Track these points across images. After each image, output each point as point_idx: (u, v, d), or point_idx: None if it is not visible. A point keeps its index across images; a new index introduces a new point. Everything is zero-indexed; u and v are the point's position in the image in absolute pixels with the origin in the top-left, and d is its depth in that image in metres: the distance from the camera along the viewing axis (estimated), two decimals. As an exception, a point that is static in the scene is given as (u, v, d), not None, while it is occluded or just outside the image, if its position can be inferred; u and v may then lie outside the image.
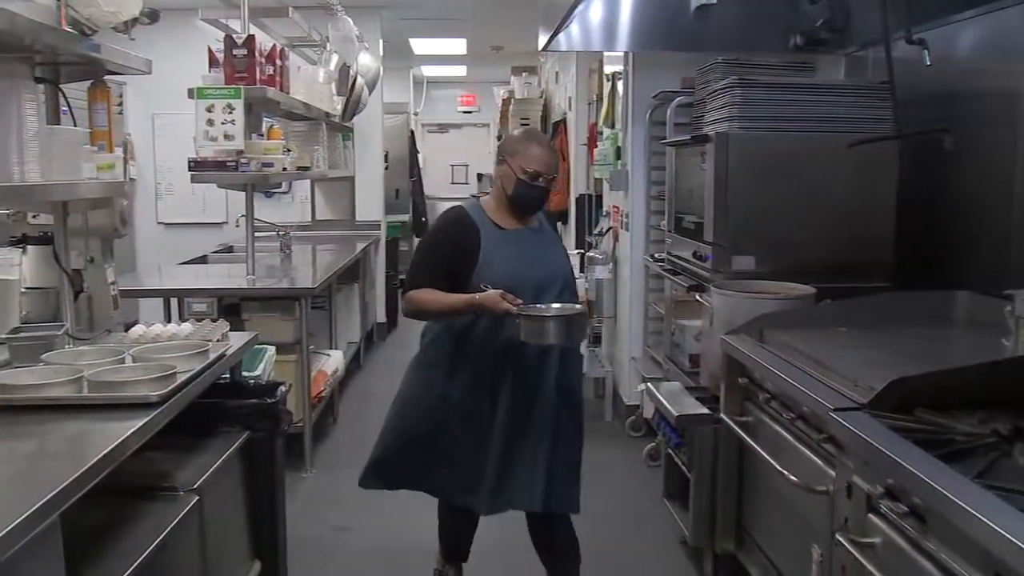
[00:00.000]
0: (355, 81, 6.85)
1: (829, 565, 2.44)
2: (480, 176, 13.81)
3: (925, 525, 1.92)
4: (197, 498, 2.54)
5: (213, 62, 4.89)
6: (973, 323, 3.24)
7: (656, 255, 4.95)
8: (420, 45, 10.78)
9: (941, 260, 3.72)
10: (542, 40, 5.04)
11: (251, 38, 4.80)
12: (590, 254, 6.01)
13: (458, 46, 10.72)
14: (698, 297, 3.88)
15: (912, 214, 3.78)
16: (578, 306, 2.99)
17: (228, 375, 3.22)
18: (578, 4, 4.11)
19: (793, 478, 2.58)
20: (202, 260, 6.56)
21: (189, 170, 4.77)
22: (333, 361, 5.87)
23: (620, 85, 5.53)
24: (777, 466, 2.67)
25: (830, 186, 3.75)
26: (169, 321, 3.67)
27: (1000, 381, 2.36)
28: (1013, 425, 2.13)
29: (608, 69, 6.05)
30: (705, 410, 3.46)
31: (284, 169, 5.25)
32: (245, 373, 3.47)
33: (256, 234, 5.31)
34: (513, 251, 3.03)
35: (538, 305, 2.91)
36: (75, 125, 2.97)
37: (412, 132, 11.88)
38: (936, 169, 3.73)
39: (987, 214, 3.46)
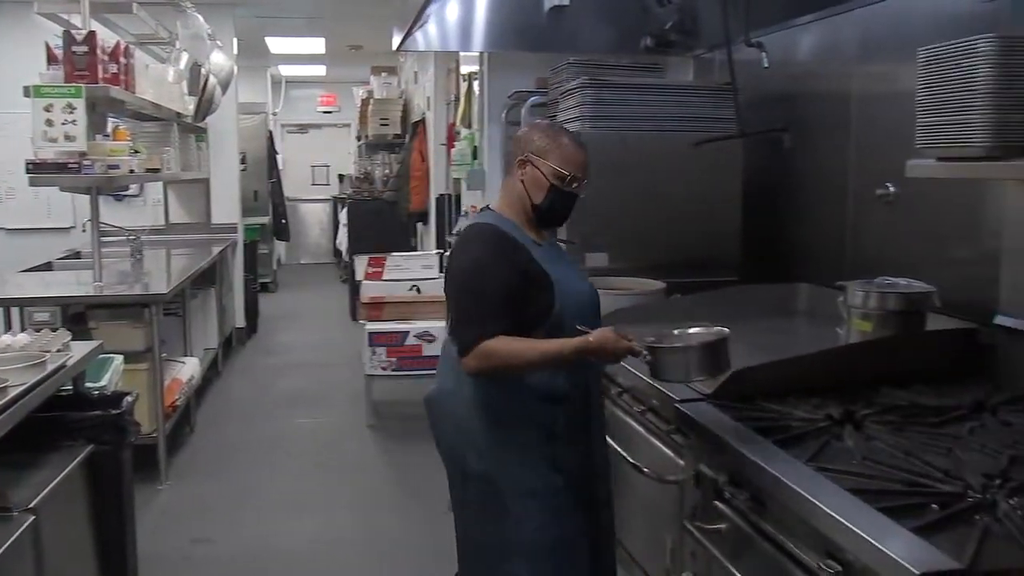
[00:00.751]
0: (207, 80, 6.66)
1: (680, 553, 2.51)
2: (342, 177, 13.64)
3: (764, 509, 1.99)
4: (33, 518, 2.41)
5: (52, 59, 4.67)
6: (812, 314, 3.39)
7: (514, 254, 4.97)
8: (277, 44, 10.59)
9: (784, 254, 3.87)
10: (396, 40, 5.01)
11: (92, 34, 4.60)
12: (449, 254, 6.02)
13: (316, 45, 10.57)
14: (554, 294, 3.92)
15: (757, 210, 3.93)
16: (724, 329, 2.33)
17: (71, 387, 3.09)
18: (428, 5, 4.11)
19: (645, 469, 2.64)
20: (46, 267, 6.25)
21: (27, 172, 4.54)
22: (188, 368, 5.70)
23: (476, 85, 5.55)
24: (629, 459, 2.72)
25: (679, 184, 3.85)
26: (8, 331, 3.49)
27: (833, 368, 2.48)
28: (844, 409, 2.25)
29: (465, 69, 6.08)
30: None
31: (131, 171, 5.06)
32: (89, 384, 3.32)
33: (106, 239, 5.11)
34: (565, 271, 2.50)
35: (673, 332, 2.37)
36: None
37: (271, 133, 11.68)
38: (777, 167, 3.88)
39: (823, 210, 3.62)
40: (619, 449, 2.84)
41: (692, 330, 2.36)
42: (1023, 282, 2.52)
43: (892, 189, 3.11)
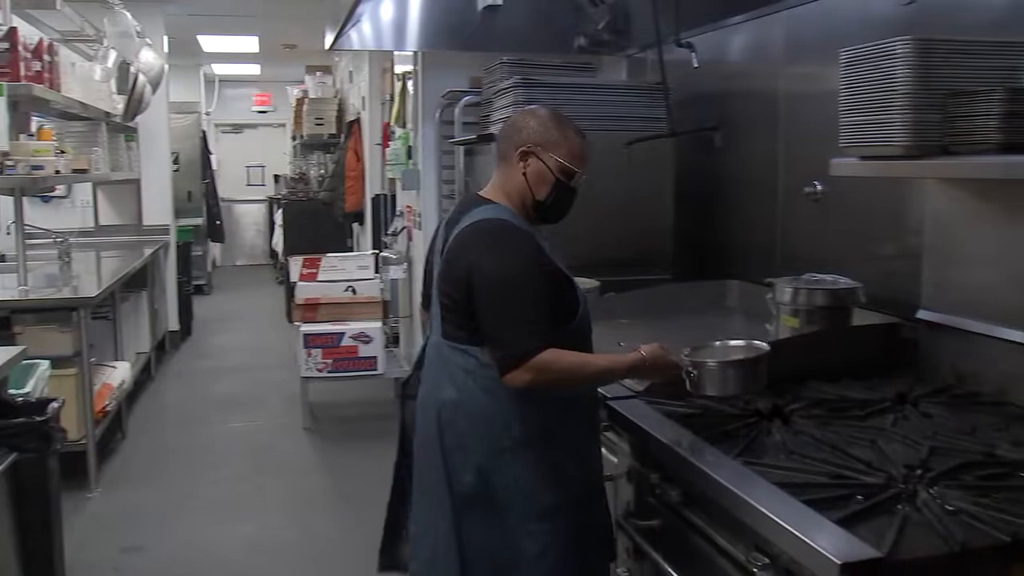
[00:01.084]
0: (136, 79, 6.55)
1: (617, 549, 2.52)
2: (277, 177, 13.49)
3: (695, 504, 2.02)
4: (-48, 528, 2.35)
5: (-29, 56, 4.54)
6: (743, 310, 3.45)
7: (449, 253, 4.96)
8: (209, 42, 10.44)
9: (716, 251, 3.92)
10: (329, 39, 4.97)
11: (13, 30, 4.48)
12: (384, 254, 6.00)
13: (250, 44, 10.44)
14: (490, 294, 3.91)
15: (689, 209, 3.97)
16: (764, 345, 2.29)
17: (-7, 394, 3.01)
18: (359, 4, 4.08)
19: (579, 467, 2.65)
20: (-33, 271, 6.08)
21: (-54, 174, 4.42)
22: (119, 373, 5.59)
23: (410, 85, 5.53)
24: (564, 456, 2.73)
25: (612, 183, 3.84)
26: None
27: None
28: (772, 404, 2.28)
29: (399, 69, 6.05)
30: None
31: (57, 172, 4.95)
32: (13, 391, 3.23)
33: (33, 242, 5.00)
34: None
35: (713, 344, 2.32)
36: None
37: (204, 132, 11.51)
38: (709, 166, 3.93)
39: (754, 208, 3.67)
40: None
41: (732, 343, 2.32)
42: (943, 278, 2.58)
43: (819, 187, 3.16)
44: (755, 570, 1.72)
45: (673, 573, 2.05)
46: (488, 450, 2.22)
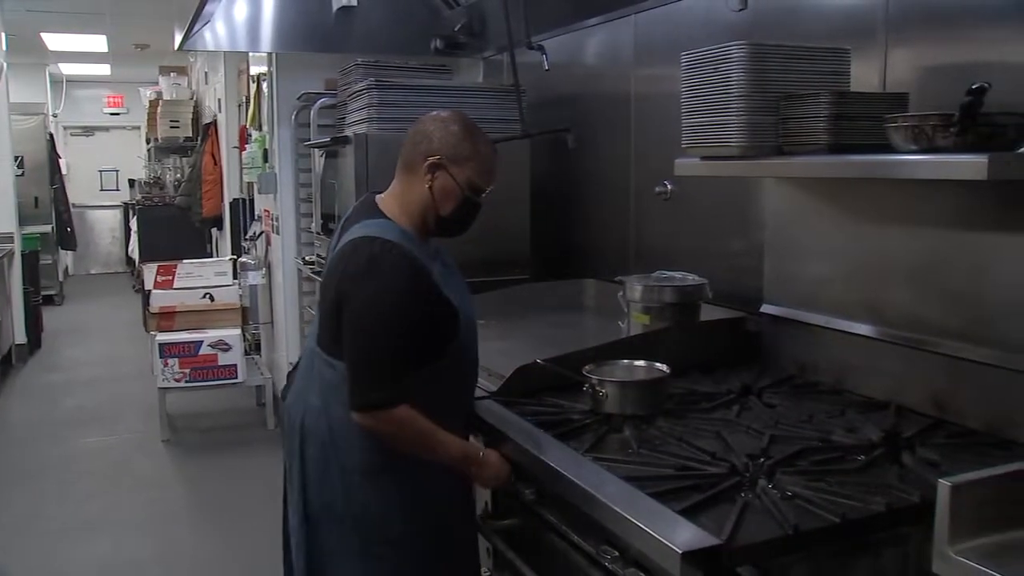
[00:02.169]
0: (-29, 79, 6.21)
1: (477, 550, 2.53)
2: (132, 182, 13.00)
3: (548, 502, 2.04)
4: None
5: None
6: (598, 309, 3.51)
7: (307, 258, 4.90)
8: (55, 40, 9.99)
9: (572, 251, 3.99)
10: (178, 39, 4.83)
11: None
12: (243, 260, 5.87)
13: (98, 43, 10.03)
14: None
15: (545, 209, 4.02)
16: (665, 367, 2.34)
17: None
18: (206, 4, 3.97)
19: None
20: None
21: None
22: (-43, 391, 5.29)
23: (265, 87, 5.43)
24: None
25: (470, 184, 3.88)
26: None
27: (615, 361, 2.56)
28: (622, 400, 2.32)
29: (254, 70, 5.93)
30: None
31: None
32: None
33: None
34: (460, 292, 2.23)
35: (616, 363, 2.37)
36: None
37: (51, 135, 11.01)
38: (563, 167, 3.99)
39: (608, 207, 3.73)
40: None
41: (635, 363, 2.39)
42: (784, 272, 2.69)
43: (669, 187, 3.24)
44: (606, 563, 1.76)
45: (530, 572, 2.07)
46: (342, 468, 2.13)
